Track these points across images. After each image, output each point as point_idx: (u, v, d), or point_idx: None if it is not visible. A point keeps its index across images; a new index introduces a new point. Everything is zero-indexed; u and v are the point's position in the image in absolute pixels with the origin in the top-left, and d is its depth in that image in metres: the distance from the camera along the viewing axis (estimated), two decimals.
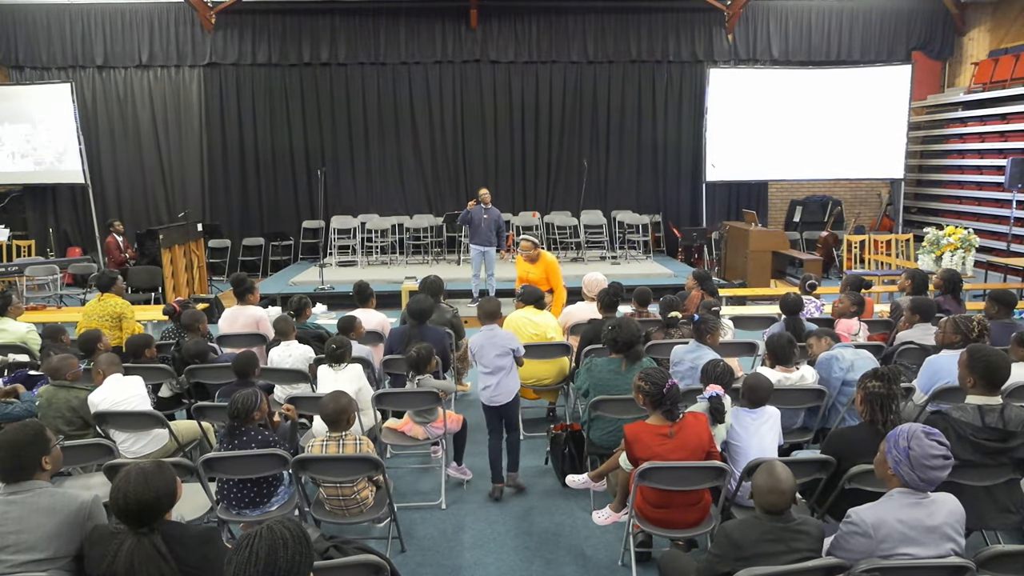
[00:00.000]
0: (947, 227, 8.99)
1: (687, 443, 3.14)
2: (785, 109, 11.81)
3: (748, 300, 8.76)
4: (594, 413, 3.96)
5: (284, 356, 4.78)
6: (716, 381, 3.46)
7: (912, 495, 2.33)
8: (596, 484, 3.81)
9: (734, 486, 3.24)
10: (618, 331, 3.98)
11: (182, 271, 9.51)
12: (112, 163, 12.44)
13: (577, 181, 12.50)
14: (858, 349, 4.10)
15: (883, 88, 11.78)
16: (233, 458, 3.29)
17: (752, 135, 11.85)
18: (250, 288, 5.70)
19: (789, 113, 11.82)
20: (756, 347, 4.96)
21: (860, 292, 5.47)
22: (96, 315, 5.61)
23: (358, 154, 12.75)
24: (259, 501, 3.43)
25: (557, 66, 12.70)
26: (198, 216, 11.71)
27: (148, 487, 2.16)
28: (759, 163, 12.03)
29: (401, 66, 12.53)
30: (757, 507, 2.46)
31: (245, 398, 3.40)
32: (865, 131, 11.81)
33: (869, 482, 2.87)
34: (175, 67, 12.32)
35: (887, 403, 2.98)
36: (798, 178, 12.84)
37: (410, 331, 4.87)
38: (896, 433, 2.38)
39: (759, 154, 11.94)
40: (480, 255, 8.92)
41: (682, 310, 5.18)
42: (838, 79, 11.92)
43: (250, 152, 12.64)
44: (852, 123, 11.79)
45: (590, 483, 3.82)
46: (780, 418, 3.47)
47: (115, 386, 3.91)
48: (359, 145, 12.72)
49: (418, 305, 4.93)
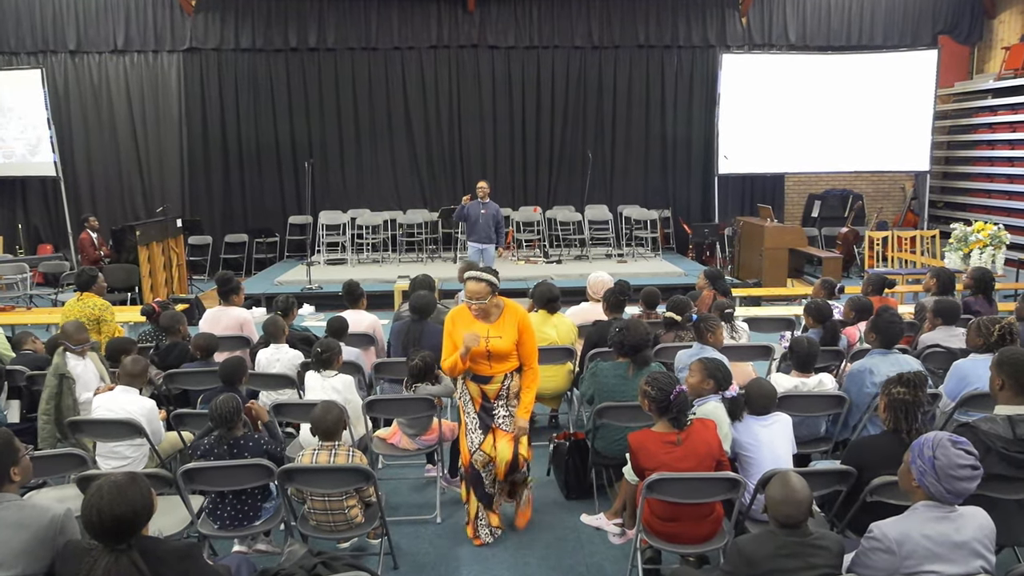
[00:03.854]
0: (976, 223, 9.00)
1: (695, 451, 3.15)
2: (803, 97, 11.81)
3: (763, 301, 8.76)
4: (599, 421, 3.96)
5: (272, 360, 4.79)
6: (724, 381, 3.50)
7: (938, 508, 2.33)
8: (612, 524, 3.81)
9: (748, 498, 3.24)
10: (625, 333, 3.98)
11: (160, 270, 9.51)
12: (86, 155, 12.44)
13: (581, 174, 12.49)
14: (901, 357, 4.04)
15: (907, 75, 11.78)
16: (216, 469, 3.29)
17: (767, 125, 11.84)
18: (235, 288, 5.69)
19: (807, 101, 11.81)
20: (771, 351, 4.96)
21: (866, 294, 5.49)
22: (74, 316, 5.59)
23: (348, 145, 12.74)
24: (251, 516, 3.43)
25: (560, 51, 12.69)
26: (177, 211, 11.70)
27: (123, 500, 2.15)
28: (775, 155, 12.02)
29: (394, 51, 12.53)
30: (771, 520, 2.47)
31: (225, 402, 3.39)
32: (888, 121, 11.81)
33: (892, 495, 2.86)
34: (153, 52, 12.31)
35: (912, 410, 2.98)
36: (816, 171, 12.83)
37: (412, 326, 4.91)
38: (921, 442, 2.38)
39: (775, 145, 11.93)
40: (478, 253, 8.94)
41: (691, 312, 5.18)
42: (859, 65, 11.91)
43: (233, 143, 12.63)
44: (874, 112, 11.78)
45: (606, 524, 3.82)
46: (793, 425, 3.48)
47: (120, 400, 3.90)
48: (349, 136, 12.72)
49: (422, 300, 4.98)
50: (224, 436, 3.42)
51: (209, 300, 8.59)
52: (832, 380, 4.07)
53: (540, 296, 5.24)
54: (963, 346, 4.32)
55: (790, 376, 4.05)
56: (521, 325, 3.75)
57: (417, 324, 4.93)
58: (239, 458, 3.36)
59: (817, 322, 4.86)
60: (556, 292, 5.24)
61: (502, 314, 3.76)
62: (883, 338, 4.07)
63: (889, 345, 4.07)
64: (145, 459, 3.95)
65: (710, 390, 3.54)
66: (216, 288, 5.87)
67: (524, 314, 3.80)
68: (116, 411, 3.84)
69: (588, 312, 5.60)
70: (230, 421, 3.40)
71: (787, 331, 5.88)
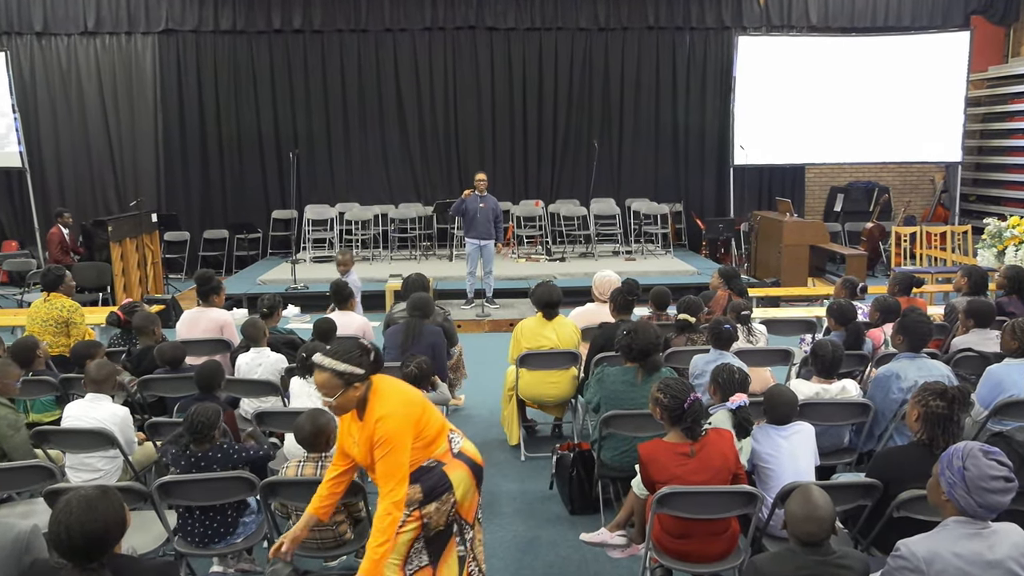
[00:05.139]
0: (1011, 217, 8.99)
1: (710, 463, 3.15)
2: (824, 83, 11.79)
3: (782, 301, 8.77)
4: (606, 430, 3.96)
5: (253, 365, 4.78)
6: (738, 388, 3.48)
7: (970, 524, 2.33)
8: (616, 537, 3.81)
9: (765, 514, 3.24)
10: (633, 336, 3.98)
11: (134, 268, 9.51)
12: (54, 145, 12.43)
13: (586, 165, 12.50)
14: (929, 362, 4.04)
15: (937, 58, 11.77)
16: (194, 482, 3.29)
17: (787, 113, 11.83)
18: (216, 288, 5.70)
19: (829, 88, 11.80)
20: (791, 355, 4.96)
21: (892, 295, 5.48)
22: (40, 319, 5.60)
23: (336, 135, 12.74)
24: (223, 532, 3.42)
25: (563, 34, 12.69)
26: (153, 205, 11.70)
27: (93, 516, 2.15)
28: (795, 145, 12.01)
29: (385, 34, 12.53)
30: (791, 538, 2.47)
31: (203, 411, 3.39)
32: (916, 108, 11.80)
33: (921, 510, 2.87)
34: (126, 34, 12.30)
35: (949, 426, 3.00)
36: (839, 162, 12.83)
37: (409, 323, 4.93)
38: (950, 452, 2.38)
39: (795, 135, 11.92)
40: (477, 250, 8.94)
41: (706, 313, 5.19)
42: (885, 48, 11.91)
43: (212, 132, 12.63)
44: (901, 99, 11.78)
45: (609, 538, 3.82)
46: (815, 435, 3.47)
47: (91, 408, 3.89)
48: (337, 124, 12.71)
49: (421, 300, 5.04)
50: (191, 447, 3.41)
51: (187, 301, 8.60)
52: (856, 386, 4.07)
53: (539, 299, 5.23)
54: (997, 350, 4.31)
55: (811, 382, 4.05)
56: (377, 432, 2.78)
57: (415, 322, 4.97)
58: (206, 471, 3.36)
59: (840, 324, 4.85)
60: (557, 296, 5.21)
61: (368, 407, 2.84)
62: (911, 341, 4.07)
63: (917, 348, 4.07)
64: (119, 471, 3.95)
65: (717, 400, 3.56)
66: (195, 288, 5.87)
67: (387, 412, 2.80)
68: (86, 420, 3.84)
69: (594, 314, 5.61)
70: (202, 433, 3.39)
71: (808, 334, 5.89)
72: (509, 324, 8.14)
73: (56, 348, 5.48)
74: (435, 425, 2.99)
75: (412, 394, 2.99)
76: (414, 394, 3.01)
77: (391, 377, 3.01)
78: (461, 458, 3.06)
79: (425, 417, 2.93)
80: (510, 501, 4.64)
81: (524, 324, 5.29)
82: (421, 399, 3.01)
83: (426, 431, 2.93)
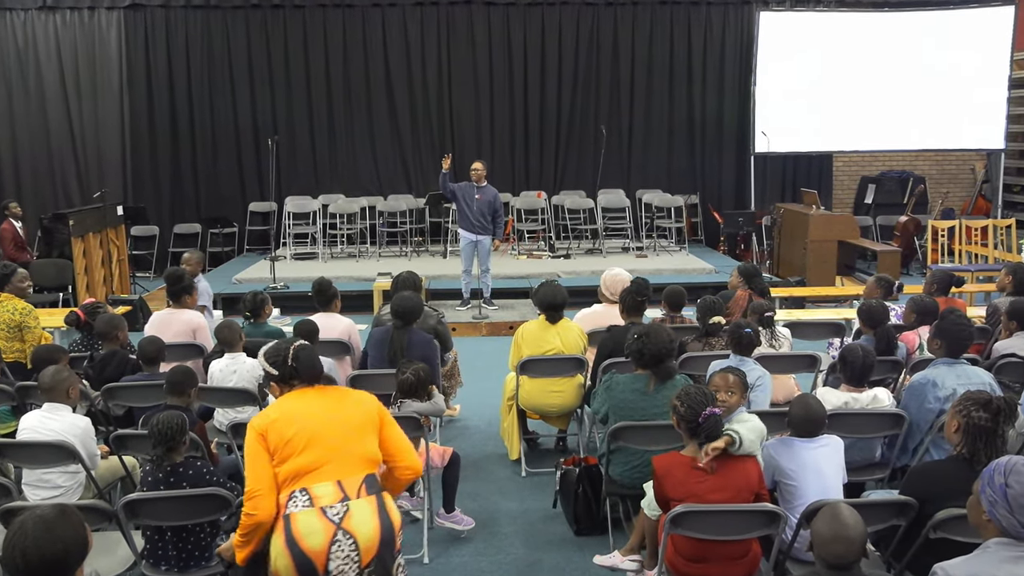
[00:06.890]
0: None
1: (732, 482, 3.15)
2: (855, 63, 11.81)
3: (808, 302, 8.78)
4: (614, 443, 3.96)
5: (228, 372, 4.78)
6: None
7: (1014, 547, 2.33)
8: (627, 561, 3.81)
9: (789, 535, 3.24)
10: (644, 341, 3.98)
11: (98, 266, 9.51)
12: (9, 130, 12.42)
13: (593, 153, 12.49)
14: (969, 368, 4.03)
15: (978, 36, 11.77)
16: (164, 500, 3.28)
17: (813, 96, 11.84)
18: (188, 288, 5.70)
19: (859, 68, 11.82)
20: (818, 361, 4.97)
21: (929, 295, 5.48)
22: None
23: (319, 120, 12.75)
24: (198, 556, 3.42)
25: (568, 8, 12.70)
26: (118, 197, 11.68)
27: (52, 538, 2.14)
28: (822, 131, 12.03)
29: (373, 9, 12.54)
30: (818, 561, 2.47)
31: (167, 420, 3.37)
32: (955, 90, 11.81)
33: (960, 530, 2.87)
34: (88, 9, 12.31)
35: (993, 440, 3.01)
36: (870, 149, 12.84)
37: (394, 334, 4.90)
38: (992, 468, 2.38)
39: (822, 120, 11.93)
40: (471, 245, 8.93)
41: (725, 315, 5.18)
42: (921, 25, 11.91)
43: (183, 117, 12.63)
44: (939, 80, 11.79)
45: (620, 561, 3.82)
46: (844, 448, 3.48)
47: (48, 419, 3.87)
48: (320, 109, 12.72)
49: (406, 303, 4.96)
50: (161, 461, 3.39)
51: (156, 302, 8.59)
52: (889, 395, 4.07)
53: (541, 300, 5.23)
54: None
55: (839, 391, 4.05)
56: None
57: (401, 332, 4.91)
58: (175, 487, 3.34)
59: (871, 327, 4.85)
60: (561, 297, 5.21)
61: None
62: (949, 345, 4.07)
63: (956, 354, 4.07)
64: (80, 488, 3.94)
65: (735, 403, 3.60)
66: (165, 287, 5.87)
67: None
68: (43, 432, 3.83)
69: (601, 316, 5.61)
70: (171, 441, 3.37)
71: (836, 338, 5.89)
72: (509, 327, 8.16)
73: (10, 354, 5.44)
74: (289, 467, 2.83)
75: (291, 411, 2.92)
76: (294, 413, 2.92)
77: (312, 392, 3.00)
78: (286, 527, 2.77)
79: (286, 449, 2.83)
80: (510, 521, 4.63)
81: (525, 327, 5.29)
82: (298, 424, 2.88)
83: (282, 466, 2.84)
